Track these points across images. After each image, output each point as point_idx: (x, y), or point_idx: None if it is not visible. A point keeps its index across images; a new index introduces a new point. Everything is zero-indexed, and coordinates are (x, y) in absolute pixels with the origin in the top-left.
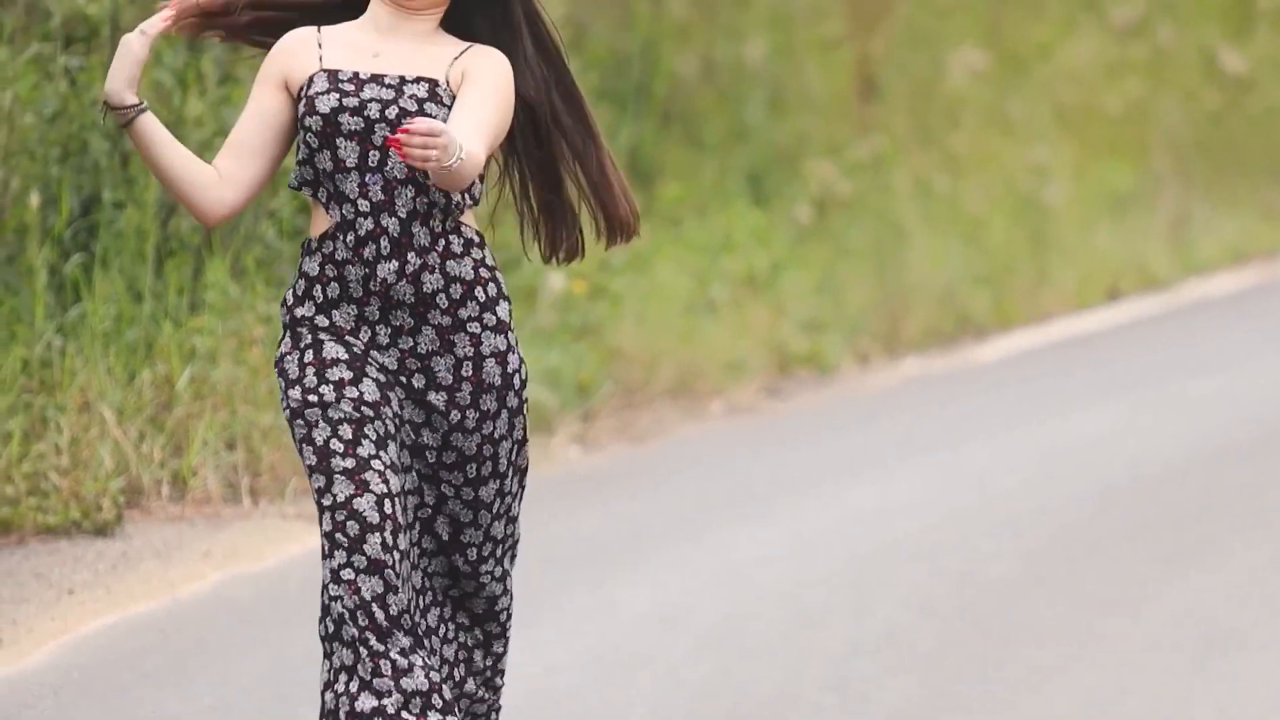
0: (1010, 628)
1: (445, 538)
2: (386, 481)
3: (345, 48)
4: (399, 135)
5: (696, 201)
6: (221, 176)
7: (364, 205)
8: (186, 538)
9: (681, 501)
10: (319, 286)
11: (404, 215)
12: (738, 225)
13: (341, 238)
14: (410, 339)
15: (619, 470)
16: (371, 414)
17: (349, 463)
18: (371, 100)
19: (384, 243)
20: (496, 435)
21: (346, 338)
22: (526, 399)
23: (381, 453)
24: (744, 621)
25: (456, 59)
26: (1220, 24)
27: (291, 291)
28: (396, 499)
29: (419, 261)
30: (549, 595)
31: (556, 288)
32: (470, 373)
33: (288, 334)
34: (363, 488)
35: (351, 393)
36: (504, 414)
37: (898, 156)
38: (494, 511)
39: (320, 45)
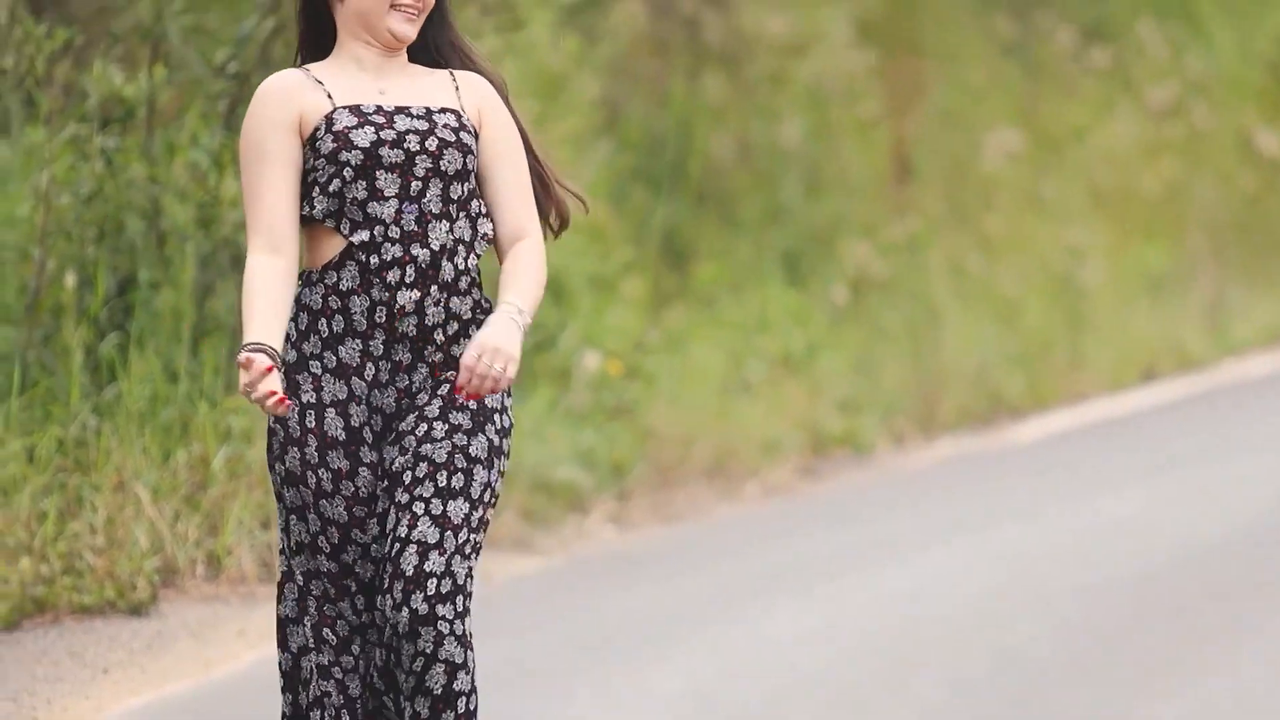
0: (1047, 709)
1: (410, 571)
2: (361, 594)
3: (348, 87)
4: (463, 387)
5: (732, 281)
6: (291, 262)
7: (394, 232)
8: (221, 617)
9: (717, 582)
10: (323, 320)
11: (436, 249)
12: (773, 305)
13: (353, 265)
14: (407, 377)
15: (654, 550)
16: (363, 513)
17: (331, 565)
18: (408, 132)
19: (410, 270)
20: (472, 453)
21: (352, 376)
22: (508, 451)
23: (365, 559)
24: (780, 703)
25: (458, 90)
26: (1256, 106)
27: (294, 325)
28: (363, 617)
29: (441, 295)
30: (584, 675)
31: (591, 368)
32: (444, 392)
33: (288, 374)
34: (343, 593)
35: (347, 488)
36: (482, 438)
37: (933, 237)
38: (458, 540)
39: (321, 83)
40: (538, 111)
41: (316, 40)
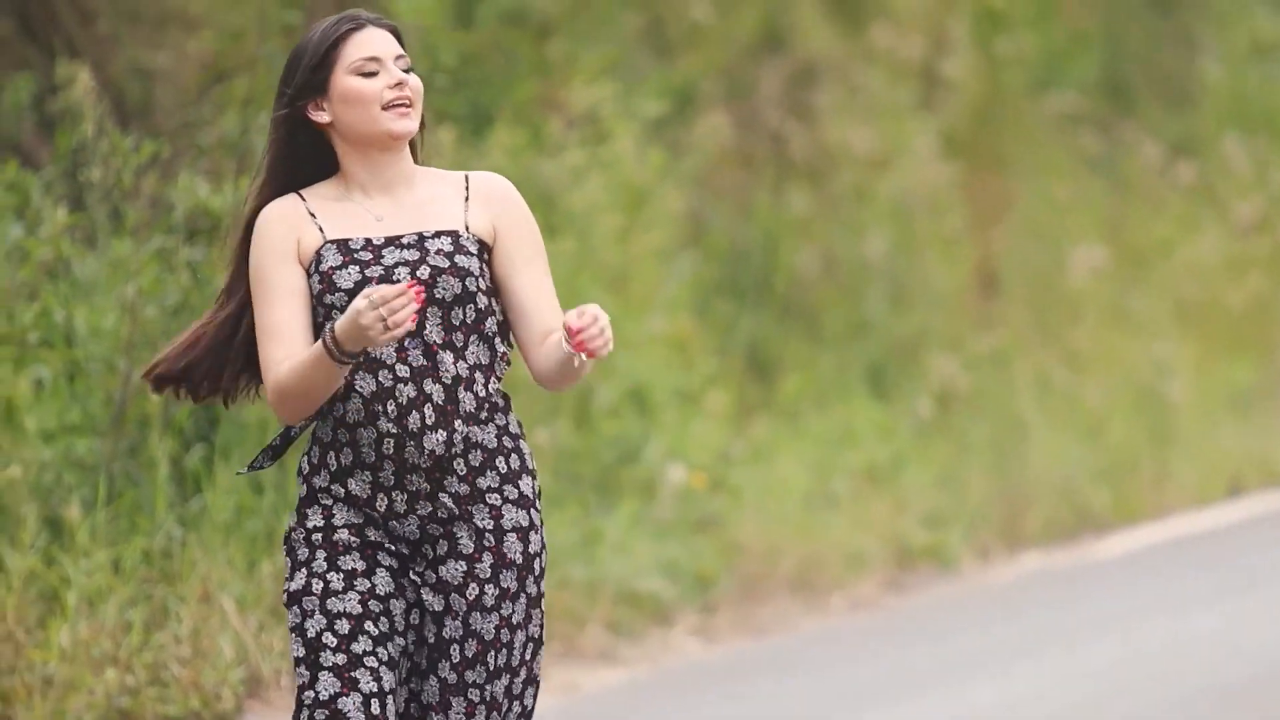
0: None
1: None
2: (379, 679)
3: (341, 216)
4: (579, 337)
5: (816, 394)
6: None
7: (402, 370)
8: None
9: (803, 696)
10: (332, 453)
11: (449, 381)
12: (858, 418)
13: (357, 398)
14: (429, 503)
15: (739, 663)
16: (379, 608)
17: (339, 658)
18: (397, 265)
19: (429, 411)
20: (514, 621)
21: (364, 508)
22: (543, 593)
23: (379, 649)
24: None
25: (468, 201)
26: None
27: (306, 459)
28: (389, 697)
29: (466, 430)
30: None
31: (676, 480)
32: (492, 543)
33: (298, 509)
34: (350, 686)
35: (362, 585)
36: (523, 599)
37: (1018, 351)
38: (501, 716)
39: (314, 215)
40: (622, 224)
41: (303, 167)
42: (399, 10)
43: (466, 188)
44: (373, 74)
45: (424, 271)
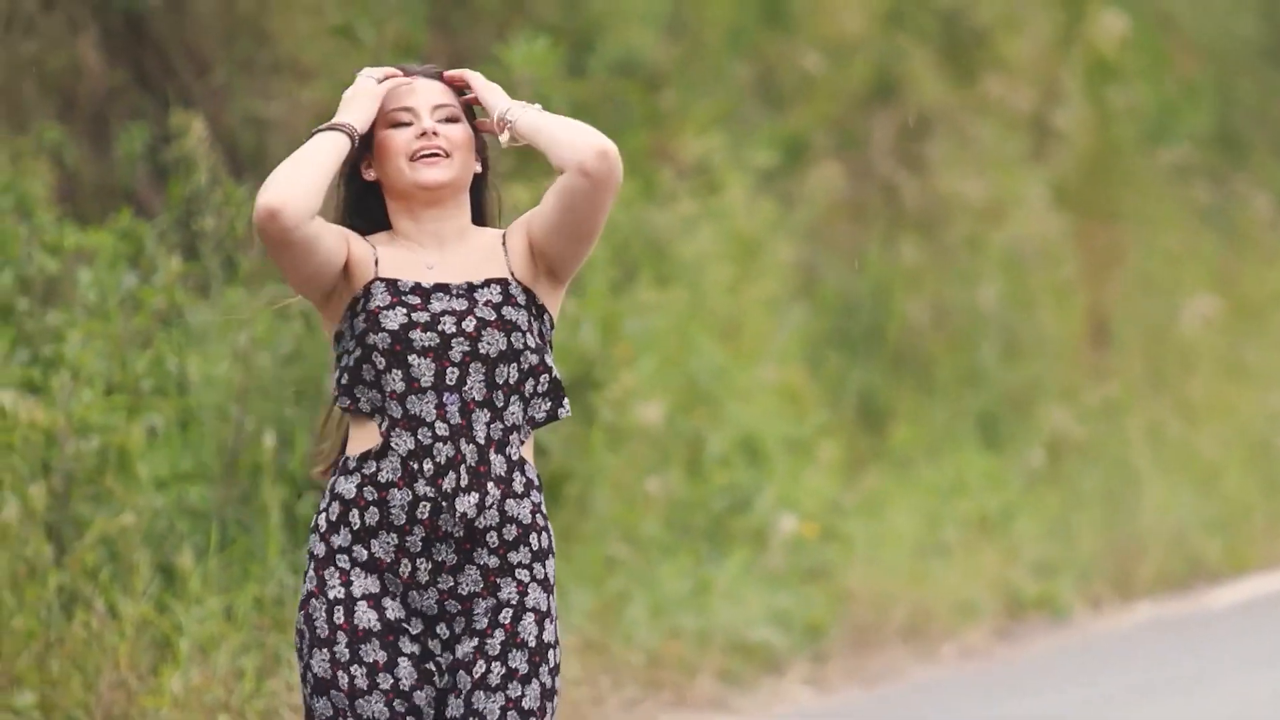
0: None
1: None
2: None
3: (396, 260)
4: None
5: (927, 444)
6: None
7: (442, 428)
8: None
9: None
10: (355, 511)
11: (481, 441)
12: (969, 468)
13: (395, 457)
14: (451, 578)
15: (850, 713)
16: (404, 707)
17: None
18: (444, 313)
19: (463, 472)
20: (525, 706)
21: (385, 573)
22: (558, 690)
23: None
24: None
25: (505, 247)
26: None
27: (324, 516)
28: None
29: (498, 493)
30: None
31: (787, 530)
32: (507, 621)
33: (314, 569)
34: None
35: (385, 681)
36: (535, 685)
37: (1130, 401)
38: None
39: (374, 248)
40: (733, 274)
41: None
42: (512, 60)
43: (503, 236)
44: (405, 124)
45: (470, 323)
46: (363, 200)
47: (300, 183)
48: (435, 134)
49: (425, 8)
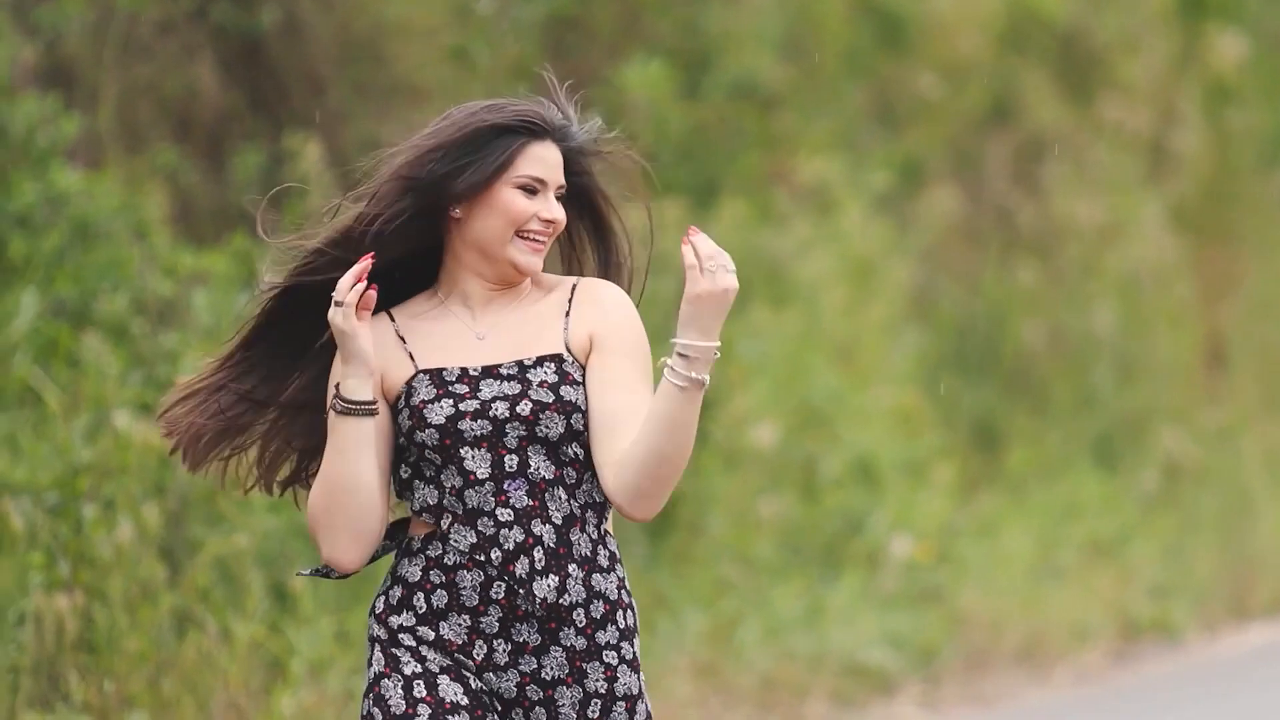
0: None
1: None
2: None
3: (436, 337)
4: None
5: (1042, 467)
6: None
7: (505, 514)
8: None
9: None
10: (421, 594)
11: (559, 521)
12: (1084, 491)
13: (461, 538)
14: (534, 659)
15: None
16: None
17: None
18: (495, 399)
19: (538, 555)
20: None
21: (457, 654)
22: None
23: None
24: None
25: (569, 315)
26: None
27: (383, 599)
28: None
29: (582, 574)
30: None
31: (901, 552)
32: (596, 714)
33: (380, 650)
34: None
35: None
36: None
37: (1247, 425)
38: None
39: (403, 339)
40: (849, 297)
41: (410, 263)
42: (628, 83)
43: (570, 299)
44: (531, 191)
45: (524, 407)
46: (413, 239)
47: (344, 536)
48: (553, 222)
49: (540, 30)
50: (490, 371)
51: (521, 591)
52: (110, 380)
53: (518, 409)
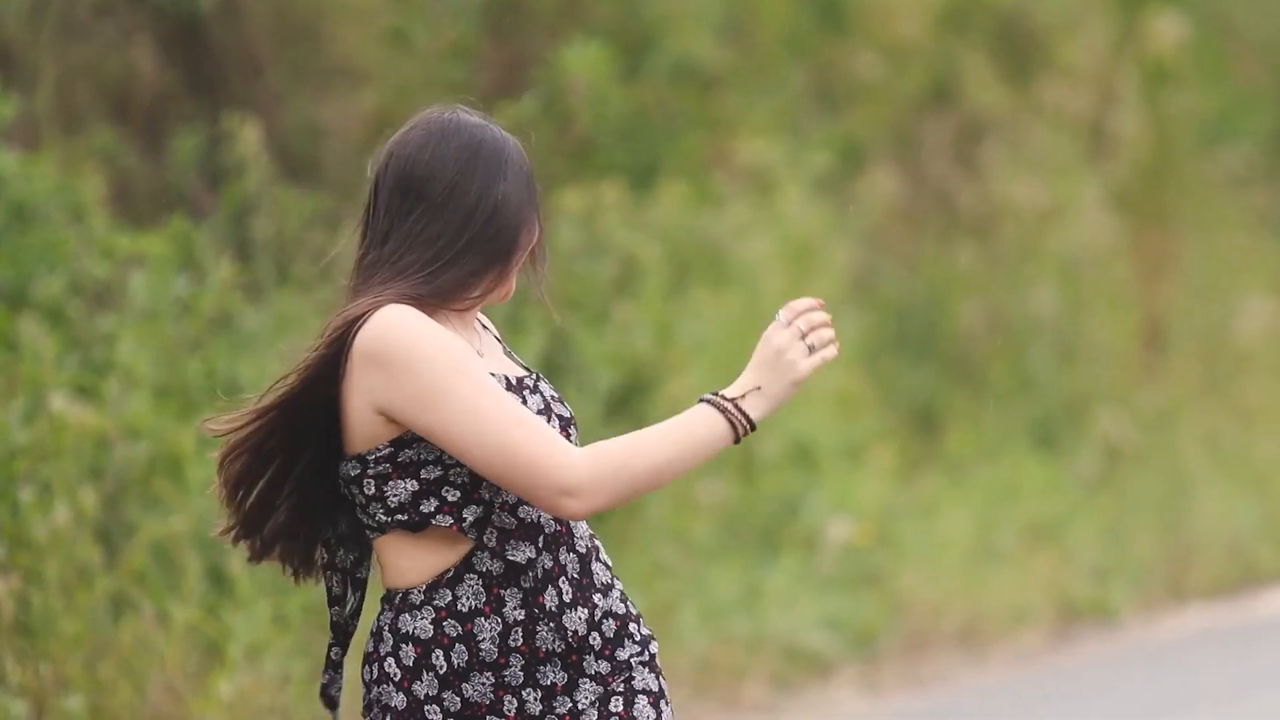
0: None
1: None
2: None
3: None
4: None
5: (981, 449)
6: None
7: (541, 537)
8: None
9: None
10: (439, 652)
11: (583, 551)
12: (1023, 473)
13: (474, 578)
14: (569, 699)
15: (903, 716)
16: None
17: None
18: (551, 401)
19: (565, 586)
20: None
21: (488, 716)
22: None
23: None
24: None
25: (500, 341)
26: None
27: (394, 662)
28: None
29: (604, 605)
30: None
31: (839, 534)
32: (620, 708)
33: (399, 718)
34: None
35: None
36: None
37: (1186, 406)
38: None
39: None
40: (789, 279)
41: None
42: (567, 64)
43: (484, 328)
44: None
45: (564, 411)
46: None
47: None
48: None
49: (479, 12)
50: (522, 383)
51: (546, 629)
52: (47, 363)
53: (557, 414)
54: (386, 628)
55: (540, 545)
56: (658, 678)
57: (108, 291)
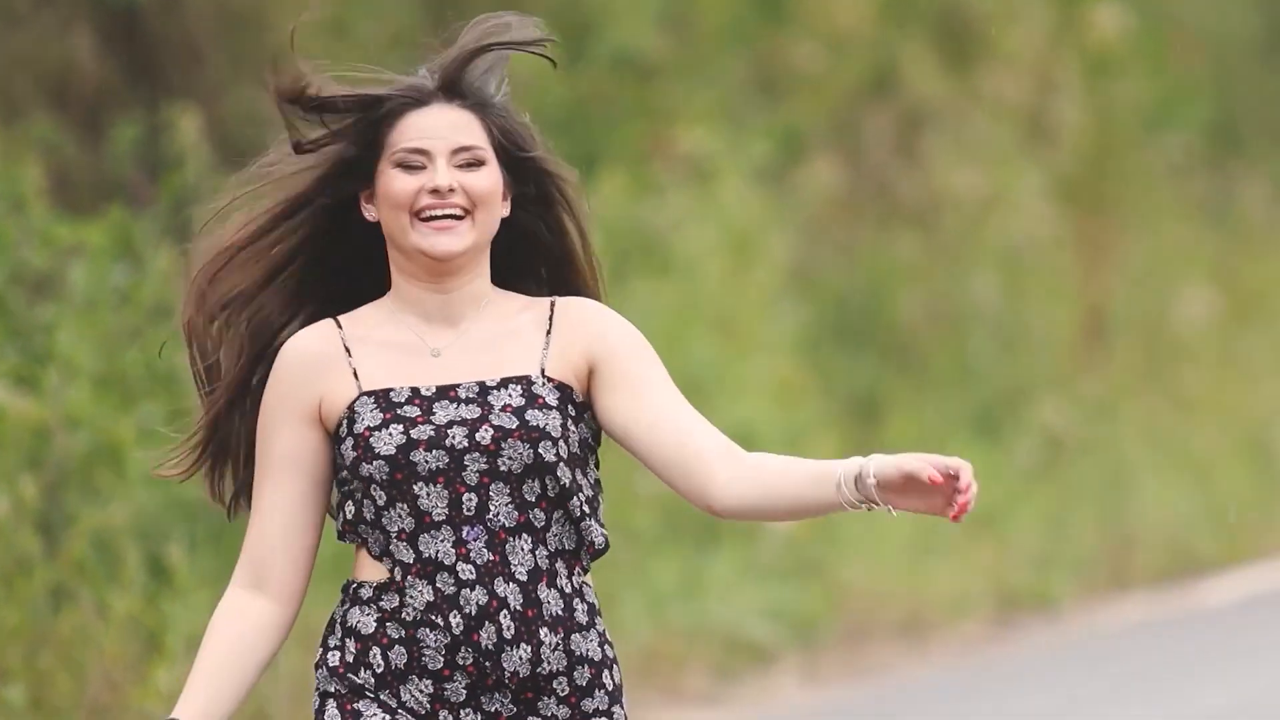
0: None
1: None
2: None
3: (386, 350)
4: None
5: (922, 439)
6: (279, 605)
7: (466, 572)
8: None
9: None
10: (377, 650)
11: (524, 578)
12: None
13: (423, 586)
14: None
15: (842, 706)
16: None
17: None
18: (451, 424)
19: (506, 621)
20: None
21: None
22: None
23: None
24: None
25: (549, 335)
26: None
27: (338, 654)
28: None
29: (555, 640)
30: None
31: (779, 527)
32: None
33: (340, 706)
34: None
35: None
36: None
37: (1126, 396)
38: None
39: (349, 351)
40: (729, 268)
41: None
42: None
43: (550, 318)
44: (416, 168)
45: (484, 434)
46: (356, 243)
47: None
48: (451, 190)
49: (420, 2)
50: (446, 392)
51: (489, 664)
52: None
53: (477, 436)
54: (338, 619)
55: (461, 580)
56: None
57: (47, 281)
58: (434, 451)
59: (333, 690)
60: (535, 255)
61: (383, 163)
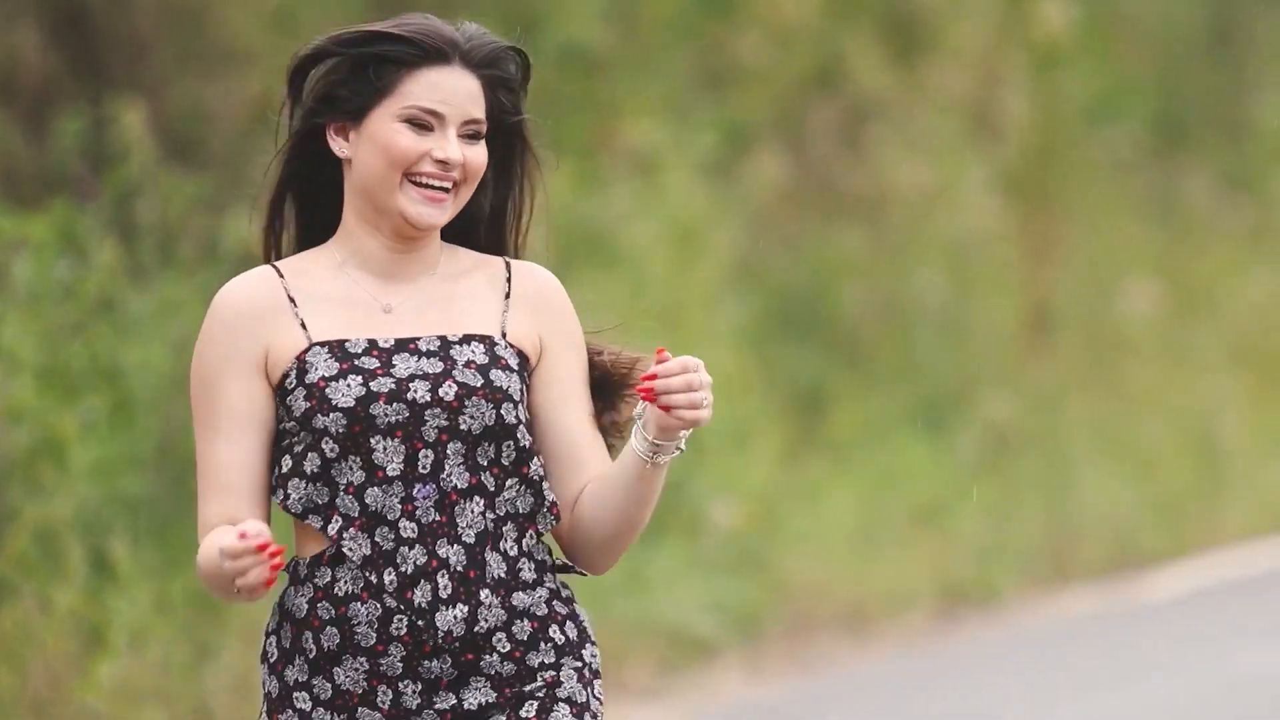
0: None
1: None
2: None
3: (335, 304)
4: (648, 384)
5: (866, 432)
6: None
7: (409, 529)
8: None
9: None
10: (309, 634)
11: (471, 540)
12: (908, 456)
13: (352, 568)
14: (453, 695)
15: (786, 701)
16: None
17: None
18: (413, 378)
19: (443, 581)
20: None
21: (359, 708)
22: None
23: None
24: None
25: (509, 299)
26: None
27: (274, 642)
28: None
29: (495, 600)
30: None
31: (723, 518)
32: (533, 713)
33: (269, 713)
34: None
35: None
36: None
37: (1070, 390)
38: None
39: (294, 302)
40: (674, 261)
41: (313, 209)
42: None
43: (508, 281)
44: (425, 128)
45: (448, 390)
46: (319, 178)
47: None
48: (449, 164)
49: None
50: (405, 345)
51: (421, 624)
52: None
53: (440, 392)
54: (277, 601)
55: (402, 537)
56: (588, 689)
57: None
58: (394, 404)
59: (268, 691)
60: (478, 208)
61: (384, 108)
